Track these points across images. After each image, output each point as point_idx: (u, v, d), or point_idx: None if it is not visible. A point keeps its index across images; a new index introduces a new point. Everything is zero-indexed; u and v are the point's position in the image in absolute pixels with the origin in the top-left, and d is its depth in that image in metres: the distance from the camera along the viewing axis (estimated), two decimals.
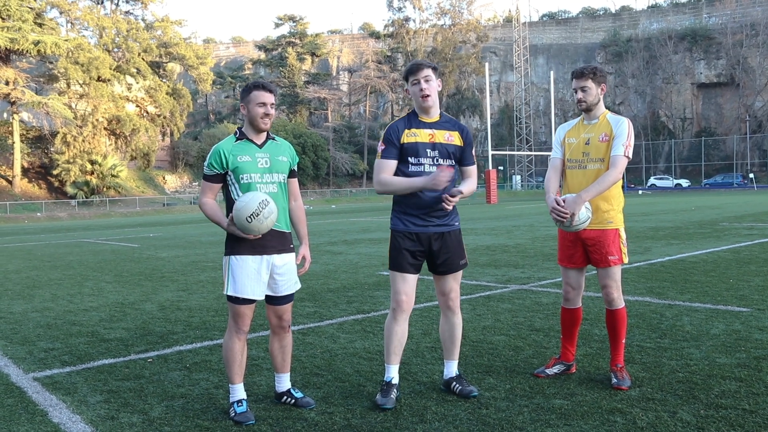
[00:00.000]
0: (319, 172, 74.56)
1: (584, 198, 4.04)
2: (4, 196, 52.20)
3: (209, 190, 3.89)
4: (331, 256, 12.67)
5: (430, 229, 3.96)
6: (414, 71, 3.91)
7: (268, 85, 3.88)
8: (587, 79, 4.24)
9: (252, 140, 3.87)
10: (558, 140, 4.47)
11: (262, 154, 3.85)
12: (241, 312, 3.84)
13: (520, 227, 19.01)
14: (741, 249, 11.46)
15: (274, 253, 3.85)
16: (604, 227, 4.24)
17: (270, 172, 3.85)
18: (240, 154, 3.80)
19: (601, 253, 4.24)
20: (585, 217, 4.07)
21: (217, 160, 3.80)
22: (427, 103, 3.92)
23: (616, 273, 4.28)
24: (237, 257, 3.80)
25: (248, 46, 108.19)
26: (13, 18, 51.39)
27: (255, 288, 3.81)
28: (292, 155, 4.02)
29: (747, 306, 6.46)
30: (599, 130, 4.25)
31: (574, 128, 4.42)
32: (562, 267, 4.48)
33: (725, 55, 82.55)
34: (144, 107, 64.16)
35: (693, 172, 79.19)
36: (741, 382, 4.11)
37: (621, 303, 4.33)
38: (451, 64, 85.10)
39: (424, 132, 3.95)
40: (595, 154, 4.23)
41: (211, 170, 3.82)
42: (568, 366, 4.46)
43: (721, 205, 29.80)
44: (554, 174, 4.39)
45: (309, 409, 3.91)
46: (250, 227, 3.64)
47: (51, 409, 4.08)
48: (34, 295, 9.03)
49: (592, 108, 4.29)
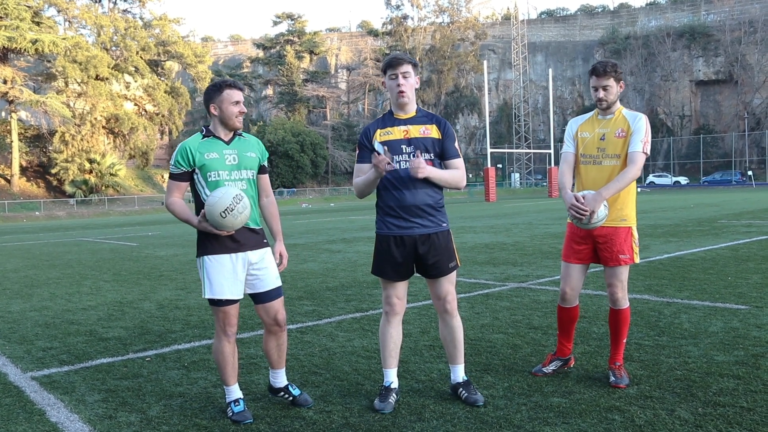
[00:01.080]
0: (318, 170, 74.53)
1: (604, 195, 3.96)
2: (3, 195, 52.16)
3: (176, 189, 3.83)
4: (329, 255, 12.66)
5: (414, 230, 3.84)
6: (393, 65, 3.82)
7: (238, 84, 3.84)
8: (609, 78, 4.11)
9: (219, 137, 3.82)
10: (570, 134, 4.36)
11: (230, 151, 3.80)
12: (225, 312, 3.78)
13: (518, 225, 19.01)
14: (739, 246, 11.46)
15: (248, 249, 3.79)
16: (617, 225, 4.15)
17: (238, 169, 3.79)
18: (207, 152, 3.75)
19: (612, 252, 4.16)
20: (603, 214, 3.99)
21: (184, 157, 3.74)
22: (402, 99, 3.84)
23: (623, 273, 4.20)
24: (211, 257, 3.75)
25: (246, 44, 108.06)
26: (11, 16, 51.31)
27: (233, 287, 3.75)
28: (261, 151, 3.96)
29: (745, 303, 6.46)
30: (615, 125, 4.16)
31: (588, 122, 4.31)
32: (565, 263, 4.35)
33: (723, 52, 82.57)
34: (142, 106, 64.12)
35: (691, 170, 79.22)
36: (739, 380, 4.11)
37: (626, 303, 4.25)
38: (449, 61, 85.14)
39: (398, 129, 3.88)
40: (611, 150, 4.14)
41: (178, 168, 3.77)
42: (566, 360, 4.43)
43: (720, 202, 29.82)
44: (568, 169, 4.30)
45: (307, 408, 3.90)
46: (224, 223, 3.58)
47: (49, 408, 4.08)
48: (32, 294, 9.02)
49: (611, 106, 4.19)
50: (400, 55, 3.90)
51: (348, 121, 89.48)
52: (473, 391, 3.93)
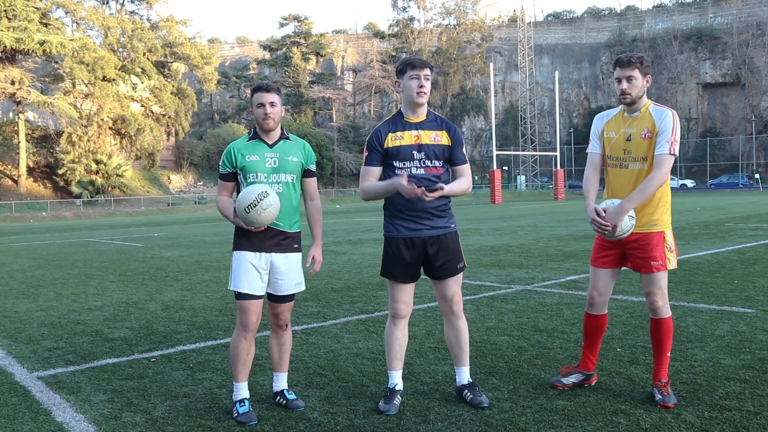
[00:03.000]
0: (324, 171, 74.51)
1: (626, 209, 3.70)
2: (10, 196, 52.37)
3: (223, 188, 4.01)
4: (335, 256, 12.67)
5: (423, 232, 3.86)
6: (417, 66, 3.82)
7: (266, 85, 3.90)
8: (634, 68, 3.78)
9: (263, 140, 3.91)
10: (596, 133, 4.04)
11: (272, 154, 3.88)
12: (243, 306, 3.86)
13: (524, 227, 18.98)
14: (746, 250, 11.41)
15: (274, 251, 3.86)
16: (648, 230, 3.87)
17: (277, 172, 3.87)
18: (249, 154, 3.87)
19: (642, 258, 3.88)
20: (629, 225, 3.75)
21: (229, 158, 3.91)
22: (421, 99, 3.83)
23: (661, 279, 3.88)
24: (238, 253, 3.88)
25: (253, 46, 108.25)
26: (19, 18, 51.55)
27: (252, 284, 3.83)
28: (306, 155, 4.00)
29: (752, 307, 6.44)
30: (641, 124, 3.84)
31: (614, 120, 3.98)
32: (593, 268, 4.10)
33: (731, 55, 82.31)
34: (149, 107, 64.28)
35: (698, 173, 78.97)
36: (745, 384, 4.09)
37: (667, 312, 3.92)
38: (455, 63, 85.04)
39: (409, 134, 3.87)
40: (636, 152, 3.83)
41: (224, 169, 3.95)
42: (588, 376, 4.15)
43: (727, 205, 29.70)
44: (593, 172, 4.01)
45: (312, 409, 3.91)
46: (249, 218, 3.68)
47: (54, 408, 4.09)
48: (38, 294, 9.05)
49: (635, 101, 3.84)
50: (422, 58, 3.93)
51: (354, 123, 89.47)
52: (478, 392, 3.93)
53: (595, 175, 4.03)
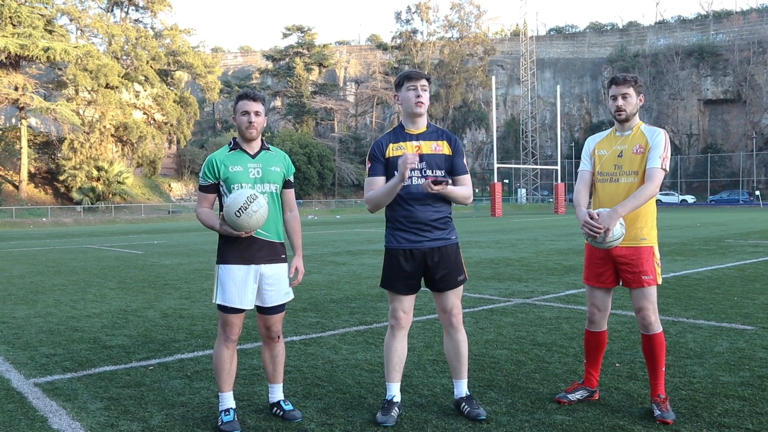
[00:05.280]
0: (325, 182, 74.63)
1: (620, 213, 3.79)
2: (11, 201, 52.40)
3: (204, 200, 3.95)
4: (334, 267, 12.66)
5: (424, 244, 3.87)
6: (413, 78, 3.86)
7: (253, 94, 3.88)
8: (629, 86, 4.00)
9: (245, 150, 3.88)
10: (587, 152, 4.20)
11: (255, 164, 3.86)
12: (230, 321, 3.85)
13: (524, 241, 18.98)
14: (746, 266, 11.40)
15: (262, 263, 3.85)
16: (638, 244, 3.95)
17: (261, 183, 3.86)
18: (232, 165, 3.83)
19: (634, 273, 3.95)
20: (619, 233, 3.81)
21: (210, 169, 3.85)
22: (419, 109, 3.85)
23: (652, 294, 3.97)
24: (225, 266, 3.83)
25: (256, 56, 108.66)
26: (24, 24, 51.78)
27: (243, 297, 3.81)
28: (286, 165, 4.00)
29: (751, 324, 6.42)
30: (633, 141, 4.00)
31: (606, 139, 4.15)
32: (588, 286, 4.19)
33: (732, 71, 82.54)
34: (151, 115, 64.44)
35: (699, 188, 78.98)
36: (744, 401, 4.08)
37: (658, 327, 3.99)
38: (457, 76, 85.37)
39: (410, 144, 3.89)
40: (628, 166, 3.97)
41: (205, 180, 3.89)
42: (592, 392, 4.21)
43: (727, 221, 29.70)
44: (584, 187, 4.14)
45: (309, 420, 3.90)
46: (240, 222, 3.63)
47: (51, 415, 4.08)
48: (37, 300, 9.04)
49: (629, 118, 4.02)
50: (418, 70, 3.97)
51: (356, 134, 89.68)
52: (476, 405, 3.92)
53: (586, 190, 4.15)
